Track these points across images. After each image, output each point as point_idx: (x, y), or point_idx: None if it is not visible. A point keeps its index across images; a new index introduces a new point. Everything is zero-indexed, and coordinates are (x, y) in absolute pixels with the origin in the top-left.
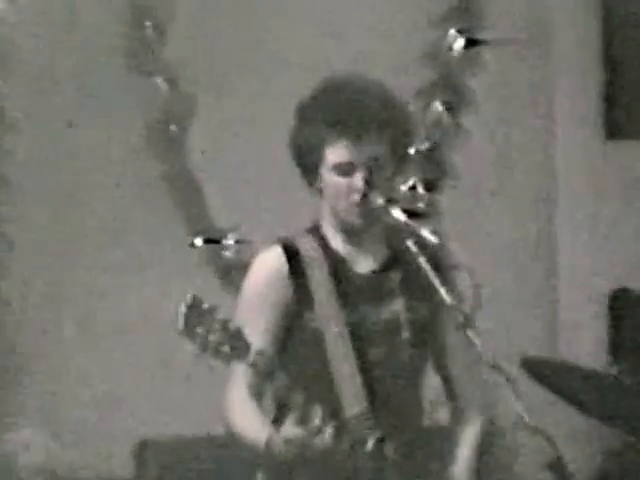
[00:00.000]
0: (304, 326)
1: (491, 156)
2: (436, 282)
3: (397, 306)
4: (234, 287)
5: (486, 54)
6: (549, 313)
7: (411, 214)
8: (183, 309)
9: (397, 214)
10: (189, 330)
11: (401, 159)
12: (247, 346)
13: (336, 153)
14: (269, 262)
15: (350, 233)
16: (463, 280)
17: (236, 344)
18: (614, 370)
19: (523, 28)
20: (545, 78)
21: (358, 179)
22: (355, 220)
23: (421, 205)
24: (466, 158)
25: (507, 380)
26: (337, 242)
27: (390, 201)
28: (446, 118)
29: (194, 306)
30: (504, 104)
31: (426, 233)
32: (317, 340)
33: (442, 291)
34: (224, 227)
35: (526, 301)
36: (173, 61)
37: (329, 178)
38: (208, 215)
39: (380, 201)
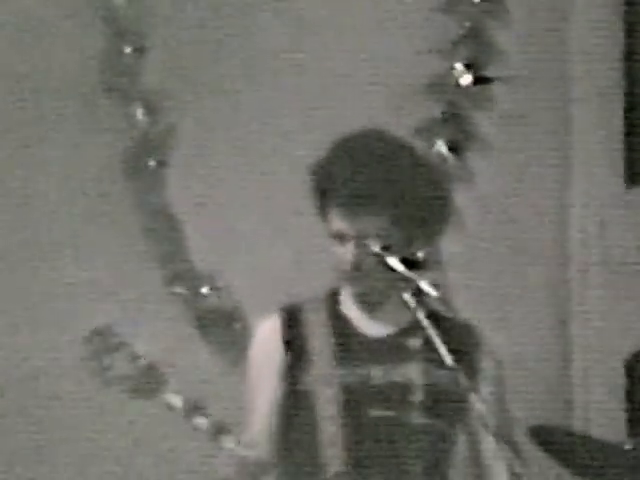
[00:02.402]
0: (297, 390)
1: (500, 202)
2: (436, 340)
3: (412, 370)
4: (213, 337)
5: (497, 89)
6: (561, 378)
7: (409, 263)
8: (86, 337)
9: (394, 263)
10: (92, 362)
11: (417, 228)
12: (162, 381)
13: (332, 221)
14: (264, 332)
15: (364, 298)
16: (467, 338)
17: (148, 379)
18: (630, 442)
19: (539, 64)
20: (562, 119)
21: (349, 251)
22: (350, 287)
23: (420, 254)
24: (472, 203)
25: (512, 450)
26: (349, 306)
27: (386, 249)
28: (450, 159)
29: (99, 336)
30: (515, 145)
31: (425, 285)
32: (309, 403)
33: (442, 350)
34: (205, 271)
35: (536, 365)
36: (152, 88)
37: (332, 243)
38: (188, 258)
39: (375, 248)
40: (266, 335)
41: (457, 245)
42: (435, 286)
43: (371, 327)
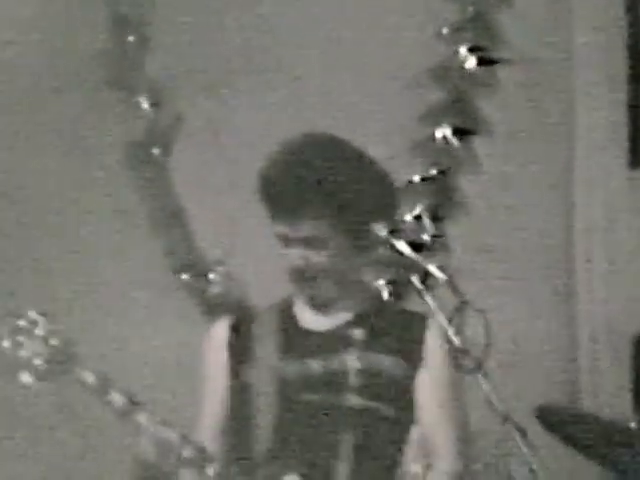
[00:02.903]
0: (242, 388)
1: (505, 185)
2: (443, 322)
3: (349, 357)
4: None
5: (501, 73)
6: (568, 358)
7: (416, 246)
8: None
9: (401, 247)
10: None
11: (361, 232)
12: (73, 358)
13: (278, 225)
14: (213, 336)
15: (312, 298)
16: (473, 320)
17: (56, 358)
18: (636, 421)
19: (543, 47)
20: (565, 101)
21: (294, 254)
22: (296, 288)
23: (427, 237)
24: (477, 186)
25: (519, 431)
26: (301, 306)
27: (393, 232)
28: (455, 142)
29: (11, 317)
30: (520, 128)
31: (433, 268)
32: (251, 397)
33: (449, 332)
34: (210, 259)
35: (542, 345)
36: (157, 78)
37: (280, 245)
38: (193, 245)
39: (383, 233)
40: (214, 339)
41: (463, 229)
42: (442, 269)
43: (317, 323)
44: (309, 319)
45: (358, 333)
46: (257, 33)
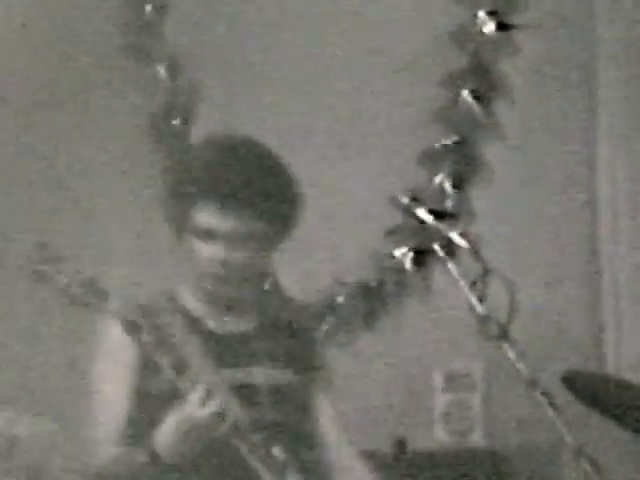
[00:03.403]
0: (153, 387)
1: (526, 150)
2: (466, 290)
3: (255, 371)
4: None
5: (521, 36)
6: (592, 323)
7: (438, 214)
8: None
9: (423, 214)
10: (35, 270)
11: (280, 235)
12: (104, 292)
13: (201, 217)
14: (112, 333)
15: (220, 297)
16: (497, 288)
17: (90, 289)
18: None
19: (563, 10)
20: (587, 64)
21: (219, 249)
22: (212, 287)
23: (449, 204)
24: (499, 152)
25: (546, 397)
26: (194, 304)
27: (415, 200)
28: (476, 108)
29: (41, 249)
30: (541, 92)
31: (455, 236)
32: (169, 398)
33: (473, 300)
34: None
35: (567, 311)
36: (175, 47)
37: (193, 241)
38: None
39: (404, 200)
40: (110, 341)
41: (485, 197)
42: (465, 237)
43: (221, 324)
44: (212, 322)
45: (261, 345)
46: (276, 2)
